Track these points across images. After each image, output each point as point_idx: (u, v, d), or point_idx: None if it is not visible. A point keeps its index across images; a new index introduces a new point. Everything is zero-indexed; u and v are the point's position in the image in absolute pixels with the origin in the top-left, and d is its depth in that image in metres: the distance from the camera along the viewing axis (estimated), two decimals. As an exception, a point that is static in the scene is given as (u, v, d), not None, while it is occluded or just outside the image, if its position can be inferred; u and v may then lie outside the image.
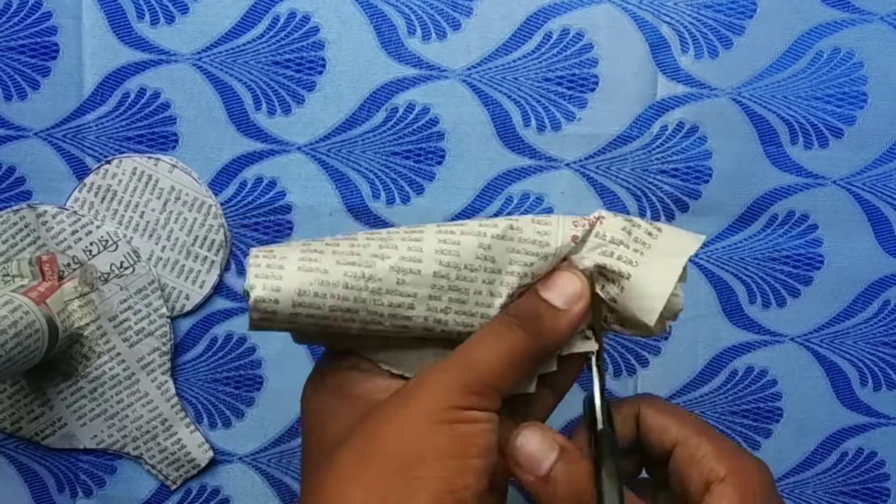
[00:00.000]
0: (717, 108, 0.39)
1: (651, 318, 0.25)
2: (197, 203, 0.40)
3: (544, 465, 0.24)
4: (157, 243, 0.40)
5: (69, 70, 0.40)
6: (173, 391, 0.40)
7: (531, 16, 0.39)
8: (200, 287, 0.40)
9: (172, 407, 0.40)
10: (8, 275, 0.38)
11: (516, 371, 0.25)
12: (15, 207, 0.39)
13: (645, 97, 0.39)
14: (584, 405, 0.27)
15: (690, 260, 0.40)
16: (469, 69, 0.39)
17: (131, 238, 0.40)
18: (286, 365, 0.41)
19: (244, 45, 0.39)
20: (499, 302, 0.25)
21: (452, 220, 0.40)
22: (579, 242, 0.26)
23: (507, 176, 0.40)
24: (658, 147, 0.39)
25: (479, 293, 0.25)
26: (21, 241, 0.39)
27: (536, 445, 0.24)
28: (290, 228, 0.40)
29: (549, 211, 0.40)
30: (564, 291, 0.25)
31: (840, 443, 0.40)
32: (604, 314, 0.26)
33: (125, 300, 0.39)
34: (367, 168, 0.40)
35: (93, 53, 0.40)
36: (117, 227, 0.40)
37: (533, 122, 0.39)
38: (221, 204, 0.40)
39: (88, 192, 0.40)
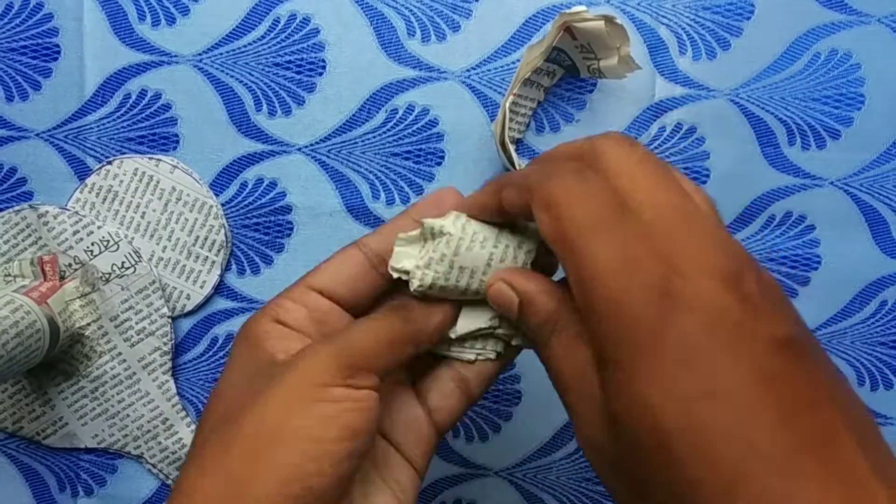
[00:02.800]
0: (715, 109, 0.39)
1: None
2: (198, 204, 0.40)
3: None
4: (158, 244, 0.40)
5: (70, 71, 0.40)
6: (174, 391, 0.40)
7: (530, 17, 0.39)
8: (201, 287, 0.40)
9: (173, 406, 0.40)
10: (9, 275, 0.39)
11: (392, 353, 0.25)
12: (16, 208, 0.40)
13: (643, 98, 0.39)
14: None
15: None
16: (468, 70, 0.39)
17: (132, 238, 0.40)
18: (286, 365, 0.41)
19: (245, 46, 0.40)
20: None
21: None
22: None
23: (506, 177, 0.40)
24: (656, 148, 0.39)
25: None
26: (23, 241, 0.39)
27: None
28: (291, 229, 0.40)
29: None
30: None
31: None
32: None
33: (126, 300, 0.39)
34: (366, 169, 0.40)
35: (94, 55, 0.40)
36: (118, 228, 0.40)
37: (532, 123, 0.40)
38: (222, 204, 0.40)
39: (90, 192, 0.40)
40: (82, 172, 0.40)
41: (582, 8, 0.34)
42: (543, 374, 0.24)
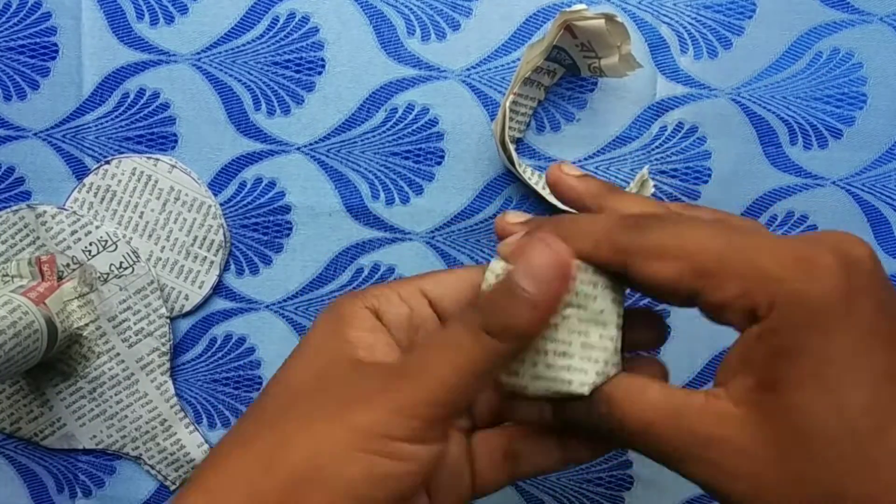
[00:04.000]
0: (717, 108, 0.39)
1: None
2: (196, 203, 0.40)
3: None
4: (156, 244, 0.40)
5: (69, 70, 0.40)
6: (172, 391, 0.40)
7: (530, 16, 0.39)
8: (200, 287, 0.40)
9: (171, 407, 0.40)
10: (7, 275, 0.38)
11: (479, 383, 0.21)
12: (14, 208, 0.39)
13: (644, 97, 0.39)
14: None
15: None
16: (468, 69, 0.39)
17: (130, 238, 0.40)
18: (285, 365, 0.41)
19: (244, 45, 0.39)
20: None
21: (451, 220, 0.40)
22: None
23: (506, 176, 0.40)
24: (657, 147, 0.39)
25: None
26: (20, 241, 0.39)
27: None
28: (290, 229, 0.40)
29: (550, 209, 0.40)
30: (534, 269, 0.21)
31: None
32: None
33: (124, 300, 0.39)
34: (366, 168, 0.40)
35: (92, 54, 0.40)
36: (116, 228, 0.40)
37: (532, 122, 0.39)
38: (221, 204, 0.40)
39: (88, 192, 0.40)
40: (80, 172, 0.40)
41: (582, 6, 0.34)
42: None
